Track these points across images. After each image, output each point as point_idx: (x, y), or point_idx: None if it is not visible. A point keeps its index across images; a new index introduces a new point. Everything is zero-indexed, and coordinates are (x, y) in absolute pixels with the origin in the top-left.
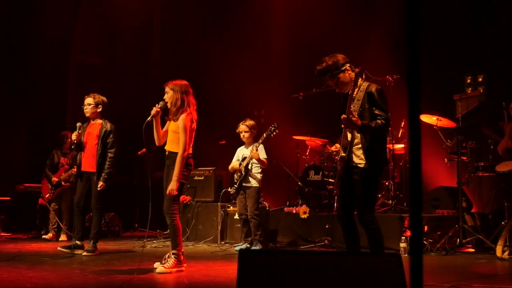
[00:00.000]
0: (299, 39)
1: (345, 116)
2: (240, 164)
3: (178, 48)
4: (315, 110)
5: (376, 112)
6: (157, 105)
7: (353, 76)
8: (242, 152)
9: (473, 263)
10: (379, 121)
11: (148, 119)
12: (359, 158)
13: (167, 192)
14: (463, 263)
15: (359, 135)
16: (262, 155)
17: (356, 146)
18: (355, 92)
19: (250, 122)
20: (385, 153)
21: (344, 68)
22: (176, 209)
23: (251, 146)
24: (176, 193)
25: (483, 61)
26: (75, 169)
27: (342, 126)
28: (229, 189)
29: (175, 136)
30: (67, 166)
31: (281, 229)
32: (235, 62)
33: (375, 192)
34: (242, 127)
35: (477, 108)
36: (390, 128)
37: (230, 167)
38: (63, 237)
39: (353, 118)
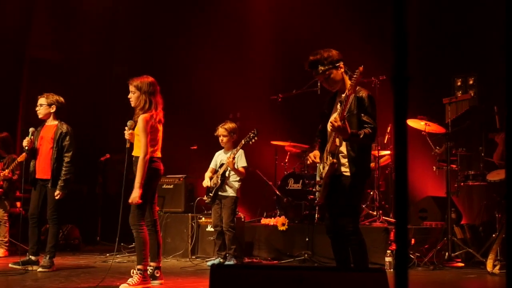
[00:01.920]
0: (279, 37)
1: (336, 120)
2: (216, 171)
3: (146, 43)
4: (295, 113)
5: (365, 119)
6: (126, 127)
7: (345, 72)
8: (220, 157)
9: (462, 278)
10: (366, 130)
11: (127, 145)
12: (344, 167)
13: (129, 201)
14: (452, 279)
15: (344, 142)
16: (241, 163)
17: (341, 154)
18: (343, 95)
19: (229, 125)
20: (369, 162)
21: (338, 64)
22: (143, 220)
23: (230, 152)
24: (140, 201)
25: (474, 62)
26: (4, 172)
27: (329, 129)
28: (204, 198)
29: (137, 139)
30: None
31: (257, 242)
32: (209, 60)
33: (359, 203)
34: (221, 130)
35: (467, 112)
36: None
37: (203, 183)
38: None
39: (345, 125)
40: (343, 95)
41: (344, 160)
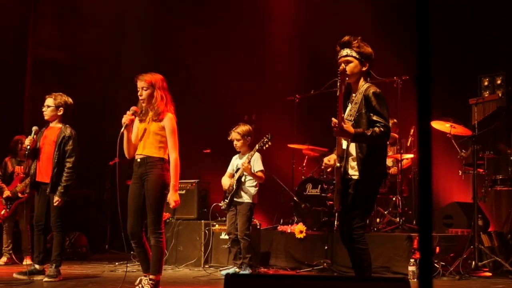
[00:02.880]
0: (297, 36)
1: (335, 122)
2: (233, 176)
3: (156, 42)
4: (313, 115)
5: (374, 118)
6: (128, 112)
7: (365, 74)
8: (237, 161)
9: None
10: (376, 129)
11: (122, 130)
12: (353, 170)
13: (172, 205)
14: None
15: (354, 144)
16: (257, 166)
17: (351, 157)
18: (354, 95)
19: (243, 128)
20: (383, 165)
21: (363, 60)
22: (163, 227)
23: (245, 156)
24: (179, 203)
25: (502, 61)
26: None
27: (334, 134)
28: (220, 204)
29: (155, 138)
30: (22, 175)
31: (274, 250)
32: (223, 60)
33: (367, 208)
34: (234, 134)
35: (495, 113)
36: (397, 136)
37: (222, 183)
38: (26, 260)
39: (344, 125)
40: (353, 95)
41: (353, 163)
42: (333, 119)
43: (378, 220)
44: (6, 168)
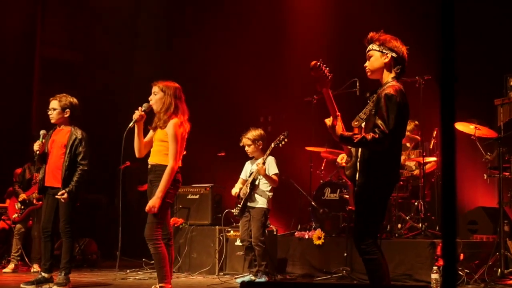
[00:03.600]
0: (313, 35)
1: (329, 120)
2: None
3: (169, 42)
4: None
5: (377, 122)
6: (140, 108)
7: (388, 66)
8: (250, 166)
9: None
10: (369, 136)
11: (130, 125)
12: (358, 173)
13: (146, 208)
14: None
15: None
16: (272, 170)
17: (358, 159)
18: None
19: (253, 133)
20: (389, 170)
21: (385, 52)
22: (159, 234)
23: (260, 159)
24: (157, 211)
25: None
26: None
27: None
28: (232, 210)
29: (161, 146)
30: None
31: (290, 257)
32: (238, 60)
33: (373, 216)
34: (244, 140)
35: None
36: (419, 139)
37: (232, 190)
38: (35, 268)
39: (335, 125)
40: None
41: (358, 165)
42: (325, 120)
43: (399, 225)
44: (24, 174)
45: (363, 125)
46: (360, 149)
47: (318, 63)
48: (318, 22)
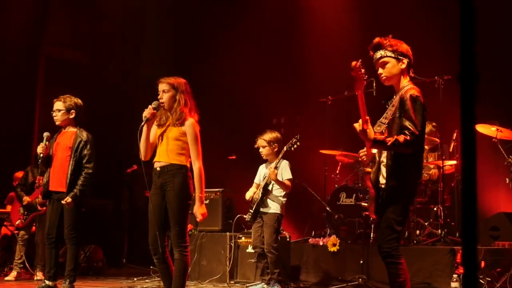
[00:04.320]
0: (327, 33)
1: (358, 124)
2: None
3: (177, 41)
4: (347, 118)
5: (404, 123)
6: (150, 106)
7: (405, 72)
8: (263, 170)
9: None
10: (401, 137)
11: (142, 124)
12: (382, 177)
13: (199, 218)
14: None
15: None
16: (286, 174)
17: (383, 163)
18: (395, 96)
19: (269, 135)
20: (415, 174)
21: (401, 57)
22: (188, 240)
23: (273, 163)
24: (206, 216)
25: None
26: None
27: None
28: (244, 216)
29: (175, 145)
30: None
31: (304, 265)
32: (249, 60)
33: (399, 219)
34: (260, 141)
35: None
36: (438, 141)
37: (247, 194)
38: (39, 276)
39: (367, 129)
40: (395, 97)
41: (383, 170)
42: (354, 124)
43: (418, 232)
44: (26, 178)
45: (383, 130)
46: (384, 154)
47: (358, 64)
48: (333, 20)
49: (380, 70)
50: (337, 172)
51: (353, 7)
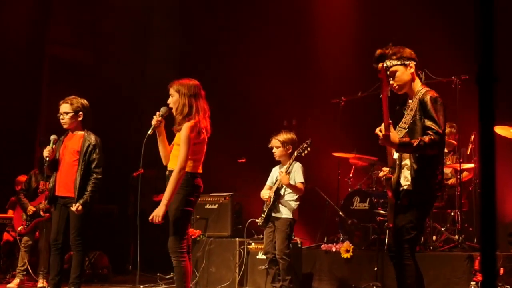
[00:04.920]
0: (340, 32)
1: (379, 130)
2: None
3: (185, 41)
4: (361, 120)
5: (427, 124)
6: (158, 112)
7: (414, 75)
8: (277, 172)
9: None
10: (426, 138)
11: (149, 132)
12: (406, 180)
13: (150, 218)
14: None
15: (408, 153)
16: (298, 178)
17: (406, 166)
18: (410, 101)
19: (284, 136)
20: (440, 177)
21: (407, 62)
22: (184, 247)
23: (284, 167)
24: (162, 221)
25: None
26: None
27: (380, 142)
28: (257, 220)
29: (177, 150)
30: (48, 193)
31: (317, 272)
32: (259, 61)
33: (418, 223)
34: (273, 141)
35: None
36: (456, 143)
37: (262, 195)
38: (42, 283)
39: (390, 134)
40: (410, 101)
41: (407, 173)
42: (377, 129)
43: (434, 237)
44: (30, 183)
45: (404, 135)
46: (407, 157)
47: (385, 65)
48: (345, 22)
49: (391, 81)
50: (351, 175)
51: (366, 6)
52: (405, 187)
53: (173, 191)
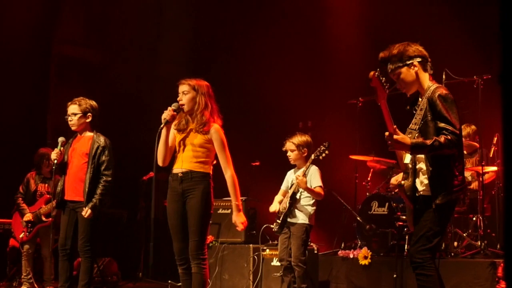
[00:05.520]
0: (358, 31)
1: (388, 133)
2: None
3: (197, 40)
4: (379, 121)
5: (440, 125)
6: (170, 107)
7: (422, 72)
8: (292, 176)
9: None
10: (442, 138)
11: (161, 126)
12: (423, 185)
13: (240, 228)
14: None
15: (423, 156)
16: (315, 182)
17: (421, 170)
18: (420, 99)
19: (299, 138)
20: (460, 181)
21: (410, 62)
22: (206, 253)
23: (301, 169)
24: (247, 223)
25: None
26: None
27: (389, 149)
28: (272, 225)
29: (199, 151)
30: (48, 196)
31: (333, 279)
32: (273, 60)
33: (438, 230)
34: (288, 144)
35: None
36: (477, 145)
37: (270, 207)
38: None
39: (398, 136)
40: (420, 100)
41: (423, 178)
42: (386, 133)
43: (456, 244)
44: (28, 186)
45: (415, 137)
46: (422, 160)
47: (377, 73)
48: (363, 21)
49: (398, 84)
50: (369, 179)
51: (385, 4)
52: (422, 193)
53: (238, 194)
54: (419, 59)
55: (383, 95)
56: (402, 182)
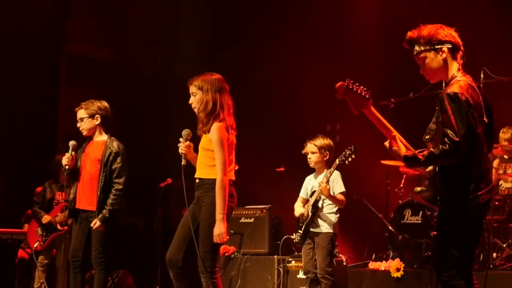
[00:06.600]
0: (389, 29)
1: (387, 143)
2: (308, 201)
3: (216, 41)
4: (412, 124)
5: (443, 129)
6: (181, 139)
7: (449, 60)
8: (311, 182)
9: None
10: (435, 149)
11: (182, 163)
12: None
13: (214, 238)
14: None
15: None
16: (338, 188)
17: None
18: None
19: (321, 140)
20: (472, 183)
21: (439, 47)
22: (217, 265)
23: (322, 175)
24: (227, 237)
25: None
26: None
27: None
28: (292, 236)
29: (205, 156)
30: (64, 204)
31: None
32: (299, 60)
33: (453, 245)
34: (309, 146)
35: None
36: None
37: (295, 212)
38: None
39: (394, 147)
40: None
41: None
42: (385, 143)
43: (495, 255)
44: (44, 194)
45: (432, 137)
46: (436, 167)
47: (345, 84)
48: (395, 17)
49: (421, 69)
50: (401, 186)
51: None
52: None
53: (223, 203)
54: (449, 45)
55: (363, 103)
56: (418, 189)
